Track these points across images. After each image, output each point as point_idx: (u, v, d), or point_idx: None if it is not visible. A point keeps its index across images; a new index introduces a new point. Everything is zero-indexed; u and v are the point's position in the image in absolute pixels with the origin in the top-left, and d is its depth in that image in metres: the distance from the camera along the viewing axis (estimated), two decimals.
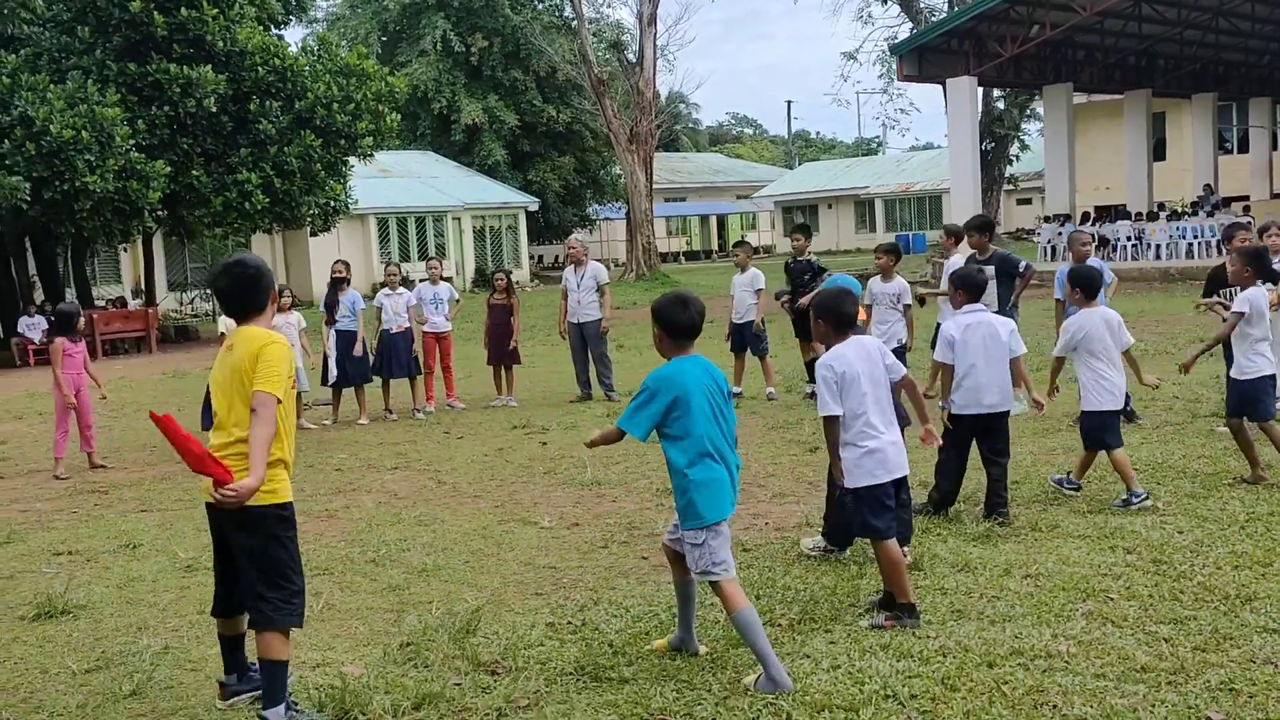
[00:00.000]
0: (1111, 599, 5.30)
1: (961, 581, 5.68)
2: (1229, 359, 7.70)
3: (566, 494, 8.45)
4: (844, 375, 5.23)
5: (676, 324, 4.72)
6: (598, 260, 15.07)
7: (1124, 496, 7.00)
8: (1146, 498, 6.94)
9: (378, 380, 12.81)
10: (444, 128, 46.05)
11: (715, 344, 15.89)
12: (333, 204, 26.65)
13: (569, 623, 5.49)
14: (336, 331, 12.36)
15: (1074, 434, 9.28)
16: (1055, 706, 4.20)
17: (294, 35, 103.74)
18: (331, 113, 25.09)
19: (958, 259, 10.94)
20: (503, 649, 5.10)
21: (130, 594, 6.38)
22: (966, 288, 7.04)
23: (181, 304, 35.07)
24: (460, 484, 9.02)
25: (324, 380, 12.68)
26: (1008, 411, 6.98)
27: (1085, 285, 7.45)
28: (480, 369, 14.50)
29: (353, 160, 27.19)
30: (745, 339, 12.74)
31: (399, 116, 28.11)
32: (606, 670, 4.83)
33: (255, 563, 4.32)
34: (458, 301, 13.78)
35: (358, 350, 12.46)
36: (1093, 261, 9.91)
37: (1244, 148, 40.64)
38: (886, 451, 5.30)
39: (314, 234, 29.62)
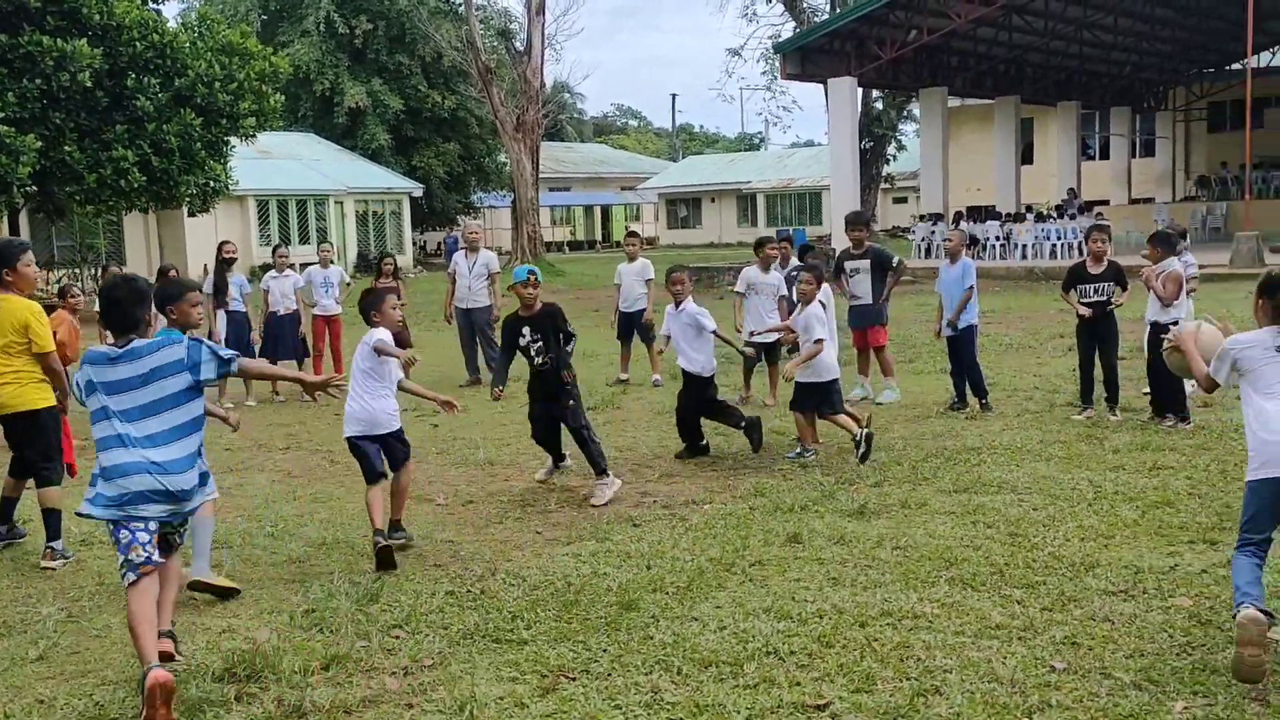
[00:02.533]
0: (971, 567, 5.77)
1: (837, 553, 6.09)
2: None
3: (459, 473, 8.67)
4: None
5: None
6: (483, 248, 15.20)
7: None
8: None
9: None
10: (326, 110, 45.34)
11: (601, 331, 16.21)
12: (212, 184, 26.13)
13: (469, 591, 5.74)
14: (227, 313, 12.30)
15: (945, 419, 9.87)
16: (919, 660, 4.62)
17: (170, 10, 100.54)
18: (213, 91, 24.58)
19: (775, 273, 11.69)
20: (405, 615, 5.33)
21: (25, 565, 6.41)
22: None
23: (49, 283, 33.88)
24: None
25: None
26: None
27: None
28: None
29: (234, 140, 26.69)
30: (633, 326, 13.04)
31: (282, 98, 27.69)
32: (506, 633, 5.10)
33: (36, 446, 6.46)
34: (348, 284, 13.81)
35: (255, 339, 12.44)
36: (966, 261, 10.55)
37: (1105, 154, 42.70)
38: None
39: (192, 214, 28.97)
